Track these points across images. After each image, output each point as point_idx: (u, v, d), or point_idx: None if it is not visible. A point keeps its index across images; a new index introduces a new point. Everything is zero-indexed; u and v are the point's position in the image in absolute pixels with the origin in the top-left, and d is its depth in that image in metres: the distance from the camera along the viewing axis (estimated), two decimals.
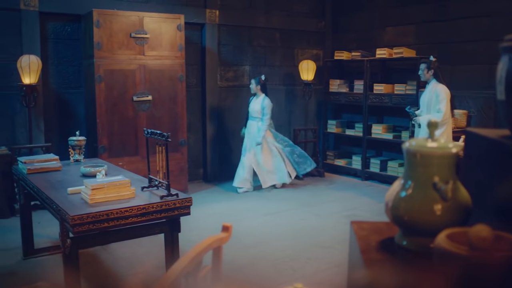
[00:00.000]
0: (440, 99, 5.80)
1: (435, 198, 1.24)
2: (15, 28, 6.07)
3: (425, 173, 1.27)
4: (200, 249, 1.37)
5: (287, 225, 5.54)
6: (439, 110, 5.82)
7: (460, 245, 0.96)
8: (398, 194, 1.30)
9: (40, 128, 6.20)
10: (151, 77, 6.42)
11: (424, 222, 1.24)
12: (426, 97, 6.01)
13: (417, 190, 1.27)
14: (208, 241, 1.48)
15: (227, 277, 3.76)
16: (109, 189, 3.26)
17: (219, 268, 1.54)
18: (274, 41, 8.27)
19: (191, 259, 1.31)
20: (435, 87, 5.89)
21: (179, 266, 1.27)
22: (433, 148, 1.27)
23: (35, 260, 4.45)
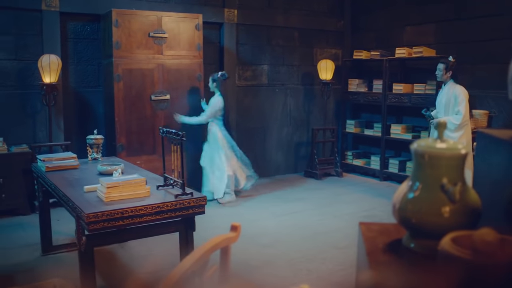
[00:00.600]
0: (459, 100, 5.69)
1: (443, 200, 1.22)
2: (37, 29, 6.16)
3: (433, 175, 1.25)
4: (207, 249, 1.37)
5: (303, 226, 5.52)
6: (458, 112, 5.71)
7: (464, 249, 0.95)
8: (405, 195, 1.28)
9: (60, 126, 6.28)
10: (169, 76, 6.46)
11: (432, 224, 1.22)
12: (443, 98, 5.89)
13: (425, 192, 1.25)
14: (215, 240, 1.48)
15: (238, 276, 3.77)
16: (124, 188, 3.28)
17: (227, 268, 1.54)
18: (292, 41, 8.25)
19: (197, 258, 1.31)
20: (453, 88, 5.79)
21: (185, 265, 1.27)
22: (441, 149, 1.25)
23: (53, 257, 4.52)
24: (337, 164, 8.20)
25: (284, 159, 8.36)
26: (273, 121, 8.19)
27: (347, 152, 8.56)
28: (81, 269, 3.16)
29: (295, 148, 8.47)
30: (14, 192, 5.72)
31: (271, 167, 8.22)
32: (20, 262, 4.41)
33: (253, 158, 7.97)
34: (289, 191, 7.14)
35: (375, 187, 7.40)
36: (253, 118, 7.98)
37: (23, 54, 6.13)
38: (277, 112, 8.22)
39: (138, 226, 3.24)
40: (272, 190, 7.19)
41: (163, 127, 6.06)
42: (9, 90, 6.10)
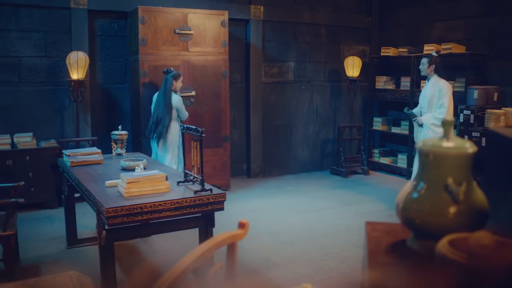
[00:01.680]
0: (443, 94, 5.58)
1: (447, 201, 1.20)
2: (66, 26, 6.29)
3: (438, 174, 1.23)
4: (210, 245, 1.37)
5: (326, 223, 5.49)
6: (441, 105, 5.58)
7: (461, 252, 0.93)
8: (409, 195, 1.26)
9: (87, 122, 6.39)
10: (195, 73, 6.50)
11: (435, 225, 1.20)
12: (428, 93, 5.77)
13: (429, 192, 1.23)
14: (220, 237, 1.48)
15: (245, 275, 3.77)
16: (144, 183, 3.32)
17: (233, 265, 1.54)
18: (319, 37, 8.19)
19: (199, 255, 1.32)
20: (437, 83, 5.67)
21: (185, 262, 1.28)
22: (446, 148, 1.23)
23: (78, 250, 4.61)
24: (364, 162, 8.12)
25: (310, 157, 8.33)
26: (299, 118, 8.16)
27: (374, 150, 8.47)
28: (101, 263, 3.20)
29: (321, 145, 8.42)
30: (43, 186, 5.85)
31: (297, 164, 8.20)
32: (46, 254, 4.52)
33: (278, 155, 7.98)
34: (314, 189, 7.11)
35: (402, 185, 7.25)
36: (279, 115, 7.97)
37: (52, 51, 6.27)
38: (303, 109, 8.19)
39: (158, 221, 3.28)
40: (297, 187, 7.18)
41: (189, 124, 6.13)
42: (39, 87, 6.24)
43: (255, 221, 5.52)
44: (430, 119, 5.66)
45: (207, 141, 6.52)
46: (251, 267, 4.26)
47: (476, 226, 1.19)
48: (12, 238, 3.54)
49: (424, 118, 5.73)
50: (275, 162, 7.99)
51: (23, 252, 4.41)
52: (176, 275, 1.18)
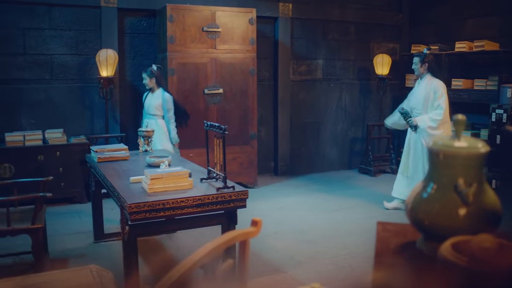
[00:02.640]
0: (439, 95, 5.34)
1: (457, 202, 1.17)
2: (96, 24, 6.40)
3: (448, 175, 1.20)
4: (220, 243, 1.38)
5: (352, 222, 5.45)
6: (438, 106, 5.33)
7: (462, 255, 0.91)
8: (418, 195, 1.24)
9: (116, 118, 6.49)
10: (223, 71, 6.52)
11: (444, 227, 1.17)
12: (421, 93, 5.52)
13: (438, 193, 1.20)
14: (231, 234, 1.49)
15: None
16: (168, 179, 3.35)
17: (245, 263, 1.55)
18: (348, 35, 8.13)
19: (208, 251, 1.33)
20: (431, 82, 5.44)
21: (195, 257, 1.29)
22: (457, 148, 1.20)
23: (104, 244, 4.69)
24: (393, 161, 8.02)
25: (338, 155, 8.27)
26: (327, 116, 8.11)
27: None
28: (124, 258, 3.25)
29: (349, 144, 8.36)
30: (72, 181, 5.96)
31: (325, 162, 8.15)
32: (74, 247, 4.61)
33: (306, 153, 7.95)
34: (341, 187, 7.06)
35: None
36: (307, 113, 7.94)
37: (83, 49, 6.39)
38: (332, 107, 8.14)
39: (181, 217, 3.31)
40: (325, 186, 7.14)
41: (216, 121, 6.16)
42: (69, 84, 6.37)
43: (281, 219, 5.52)
44: (426, 121, 5.40)
45: (235, 139, 6.57)
46: (275, 264, 4.26)
47: (487, 229, 1.16)
48: (40, 231, 3.62)
49: (419, 120, 5.45)
50: (302, 160, 7.96)
51: (52, 245, 4.52)
52: (183, 270, 1.19)
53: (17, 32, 6.09)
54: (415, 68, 5.60)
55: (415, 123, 5.48)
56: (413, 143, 5.67)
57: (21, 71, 6.15)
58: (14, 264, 4.25)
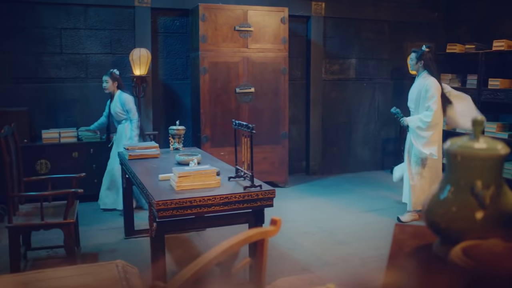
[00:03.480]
0: (429, 95, 5.13)
1: (474, 205, 1.15)
2: (129, 24, 6.51)
3: (465, 177, 1.18)
4: (237, 241, 1.39)
5: (383, 224, 5.38)
6: (428, 108, 5.12)
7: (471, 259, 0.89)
8: (434, 197, 1.22)
9: (148, 116, 6.58)
10: (254, 70, 6.54)
11: (460, 230, 1.15)
12: (414, 91, 5.36)
13: (455, 195, 1.18)
14: (249, 233, 1.50)
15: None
16: (195, 177, 3.38)
17: (262, 261, 1.55)
18: (382, 34, 8.03)
19: (225, 249, 1.34)
20: (425, 81, 5.24)
21: (211, 254, 1.30)
22: (476, 149, 1.17)
23: (134, 240, 4.77)
24: None
25: (370, 155, 8.19)
26: (360, 116, 8.04)
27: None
28: (152, 254, 3.30)
29: (382, 144, 8.26)
30: None
31: (357, 162, 8.08)
32: (105, 243, 4.71)
33: (338, 153, 7.90)
34: (373, 188, 6.99)
35: None
36: (339, 113, 7.88)
37: (117, 48, 6.51)
38: (364, 107, 8.06)
39: (208, 215, 3.34)
40: (356, 186, 7.08)
41: (247, 120, 6.19)
42: None
43: (312, 219, 5.50)
44: (416, 121, 5.22)
45: (266, 138, 6.58)
46: (303, 264, 4.25)
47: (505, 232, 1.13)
48: (71, 226, 3.71)
49: (410, 120, 5.29)
50: (334, 160, 7.91)
51: (84, 240, 4.62)
52: (197, 268, 1.21)
53: (54, 32, 6.25)
54: (411, 64, 5.50)
55: (406, 123, 5.33)
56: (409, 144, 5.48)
57: (58, 70, 6.31)
58: (48, 257, 4.38)
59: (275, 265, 4.16)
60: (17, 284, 1.99)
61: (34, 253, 4.38)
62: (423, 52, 5.31)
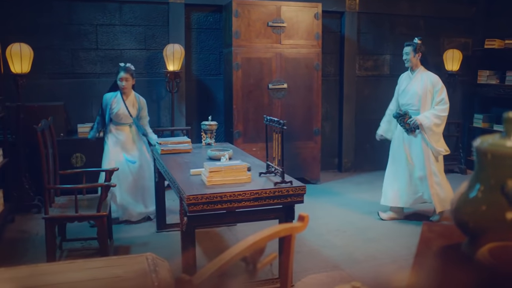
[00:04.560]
0: (439, 89, 4.95)
1: (504, 204, 1.12)
2: (164, 20, 6.59)
3: (496, 175, 1.15)
4: (264, 236, 1.39)
5: (416, 222, 5.31)
6: (441, 101, 4.93)
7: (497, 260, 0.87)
8: (463, 196, 1.19)
9: (181, 112, 6.64)
10: (287, 66, 6.52)
11: (490, 229, 1.12)
12: (417, 87, 5.04)
13: (484, 194, 1.15)
14: (276, 228, 1.50)
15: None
16: (226, 173, 3.40)
17: (288, 257, 1.55)
18: (417, 29, 7.88)
19: (250, 244, 1.34)
20: (426, 76, 5.02)
21: (236, 249, 1.31)
22: (507, 148, 1.15)
23: (166, 234, 4.83)
24: (461, 161, 7.75)
25: None
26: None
27: (473, 148, 8.02)
28: (182, 248, 3.34)
29: None
30: None
31: None
32: (138, 236, 4.79)
33: (371, 150, 7.82)
34: None
35: None
36: (373, 109, 7.78)
37: (151, 43, 6.59)
38: None
39: (238, 210, 3.36)
40: None
41: (280, 116, 6.18)
42: (138, 78, 6.54)
43: (343, 216, 5.47)
44: (431, 118, 4.94)
45: (298, 134, 6.57)
46: (334, 261, 4.23)
47: None
48: (104, 218, 3.77)
49: (422, 118, 4.95)
50: (367, 157, 7.83)
51: (117, 232, 4.71)
52: (222, 262, 1.22)
53: (90, 29, 6.37)
54: (406, 59, 5.16)
55: (419, 122, 4.97)
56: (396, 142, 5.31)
57: (93, 65, 6.42)
58: (82, 248, 4.48)
59: (304, 262, 4.15)
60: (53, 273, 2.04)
61: (69, 244, 4.49)
62: (417, 44, 5.08)
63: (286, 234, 1.51)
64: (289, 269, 1.55)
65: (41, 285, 1.88)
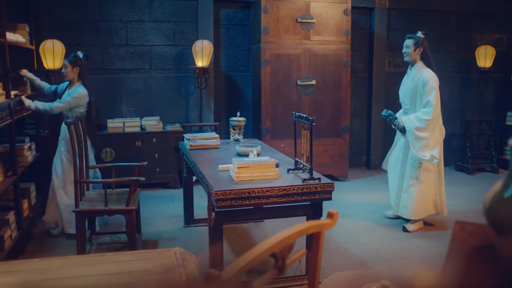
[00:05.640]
0: (428, 89, 4.54)
1: None
2: (193, 16, 6.62)
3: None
4: (293, 232, 1.38)
5: (446, 221, 5.23)
6: (427, 103, 4.54)
7: None
8: (498, 195, 1.16)
9: (210, 108, 6.67)
10: (316, 62, 6.49)
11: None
12: (409, 85, 4.76)
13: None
14: (305, 225, 1.49)
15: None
16: (255, 169, 3.40)
17: (317, 255, 1.54)
18: (449, 25, 7.75)
19: (279, 240, 1.34)
20: (421, 73, 4.65)
21: (265, 245, 1.31)
22: None
23: (193, 229, 4.86)
24: (493, 160, 7.59)
25: None
26: None
27: (506, 146, 7.87)
28: (210, 243, 3.36)
29: (446, 139, 7.87)
30: (167, 167, 6.22)
31: None
32: (165, 230, 4.83)
33: None
34: None
35: None
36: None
37: (180, 40, 6.63)
38: None
39: (266, 206, 3.35)
40: None
41: (308, 113, 6.16)
42: (167, 73, 6.64)
43: (371, 214, 5.42)
44: (413, 121, 4.62)
45: (326, 131, 6.54)
46: (361, 259, 4.20)
47: None
48: (133, 212, 3.82)
49: (406, 120, 4.68)
50: None
51: (145, 226, 4.76)
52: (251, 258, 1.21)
53: (120, 25, 6.44)
54: (406, 52, 4.80)
55: (402, 125, 4.73)
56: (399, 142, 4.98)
57: (123, 61, 6.50)
58: (111, 242, 4.54)
59: (332, 259, 4.13)
60: (82, 264, 2.08)
61: (98, 237, 4.56)
62: (420, 38, 4.75)
63: (315, 231, 1.50)
64: (318, 266, 1.54)
65: (72, 276, 1.92)
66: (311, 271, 1.56)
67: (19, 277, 1.97)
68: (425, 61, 4.76)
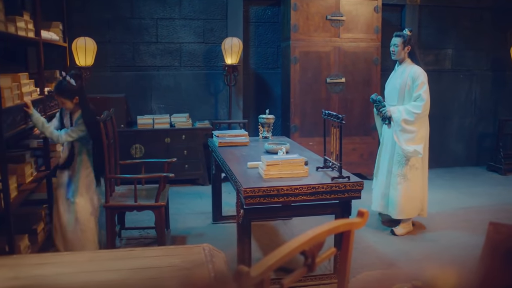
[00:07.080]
0: (419, 83, 4.52)
1: None
2: (222, 14, 6.65)
3: None
4: (323, 230, 1.38)
5: (476, 222, 5.12)
6: (418, 97, 4.52)
7: None
8: None
9: (239, 105, 6.69)
10: (345, 60, 6.44)
11: None
12: (397, 81, 4.69)
13: None
14: (335, 223, 1.48)
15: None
16: (283, 166, 3.40)
17: (347, 253, 1.53)
18: (482, 22, 7.60)
19: (309, 238, 1.33)
20: (410, 69, 4.61)
21: (295, 243, 1.30)
22: None
23: (221, 226, 4.89)
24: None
25: (464, 150, 7.82)
26: (454, 109, 7.69)
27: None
28: (238, 240, 3.36)
29: (478, 139, 7.86)
30: (195, 164, 6.26)
31: (450, 157, 7.74)
32: (194, 226, 4.87)
33: (430, 146, 7.57)
34: (467, 184, 6.67)
35: None
36: (432, 105, 7.39)
37: (210, 37, 6.67)
38: (460, 100, 7.69)
39: (295, 204, 3.35)
40: (449, 181, 6.79)
41: (337, 110, 6.12)
42: (196, 71, 6.68)
43: None
44: (402, 113, 4.56)
45: (356, 129, 6.49)
46: (390, 259, 4.16)
47: None
48: (162, 208, 3.85)
49: (394, 110, 4.61)
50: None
51: (174, 222, 4.81)
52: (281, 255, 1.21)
53: (151, 23, 6.51)
54: (395, 50, 4.72)
55: (389, 114, 4.64)
56: (385, 140, 4.87)
57: (154, 58, 6.57)
58: (140, 237, 4.60)
59: (360, 258, 4.09)
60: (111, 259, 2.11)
61: (127, 232, 4.62)
62: (408, 36, 4.68)
63: (346, 230, 1.49)
64: (348, 265, 1.53)
65: (103, 269, 1.95)
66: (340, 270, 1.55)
67: (50, 269, 2.01)
68: (413, 58, 4.72)
